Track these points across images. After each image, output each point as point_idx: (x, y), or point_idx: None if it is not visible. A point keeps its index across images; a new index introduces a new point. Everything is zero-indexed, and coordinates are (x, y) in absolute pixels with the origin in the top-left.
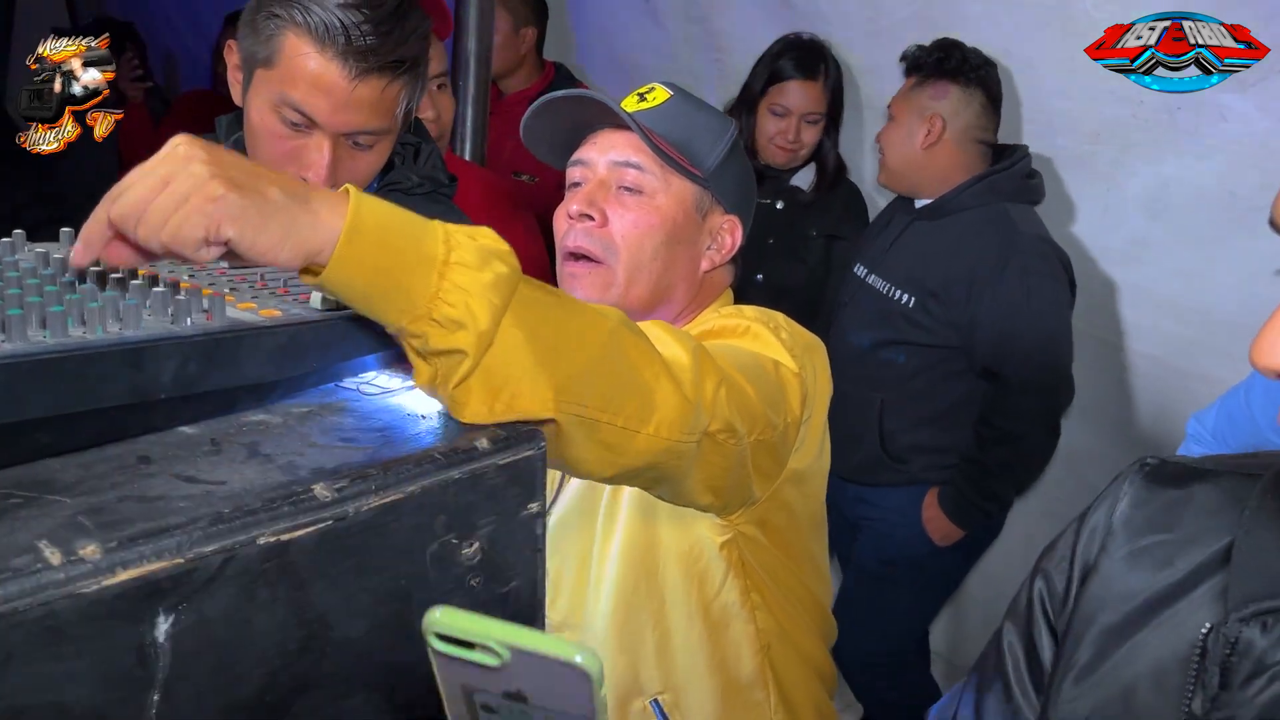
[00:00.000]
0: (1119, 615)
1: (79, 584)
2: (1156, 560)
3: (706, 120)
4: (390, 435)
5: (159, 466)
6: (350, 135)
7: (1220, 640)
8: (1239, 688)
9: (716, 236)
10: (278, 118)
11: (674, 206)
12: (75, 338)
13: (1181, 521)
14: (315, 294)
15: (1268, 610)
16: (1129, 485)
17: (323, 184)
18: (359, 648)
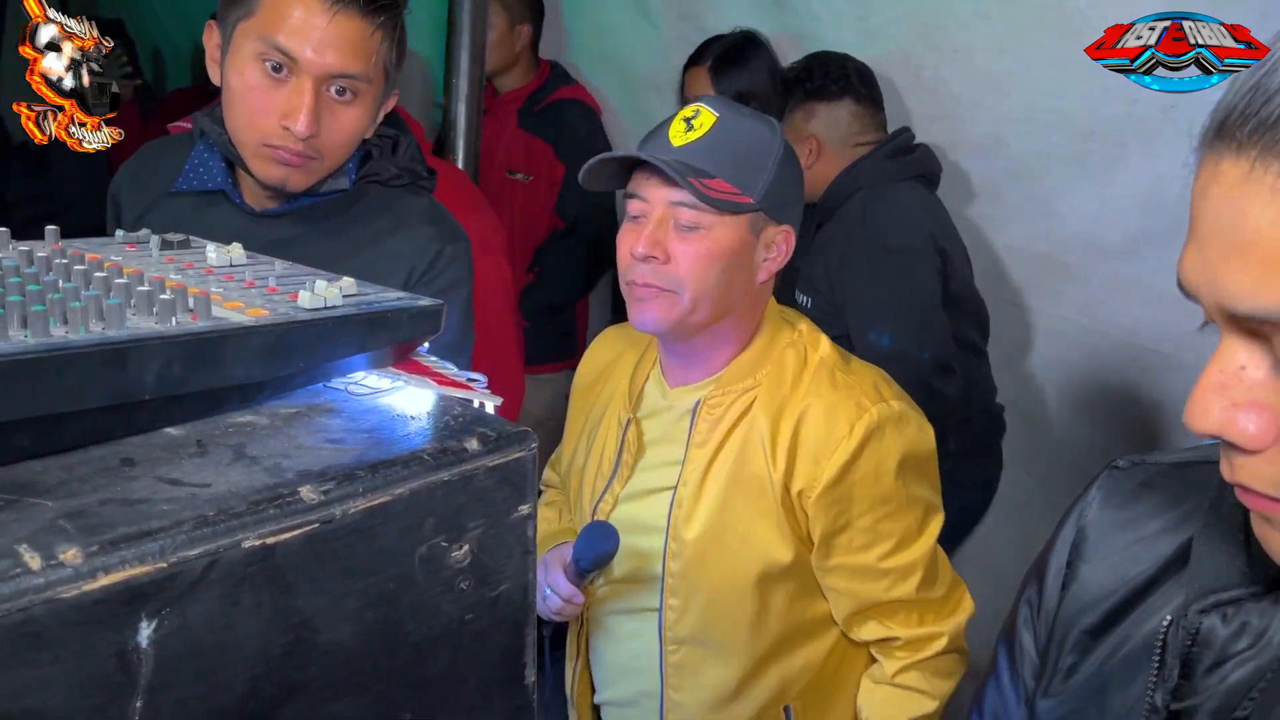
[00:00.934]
0: (1097, 617)
1: (59, 589)
2: (1128, 559)
3: (753, 137)
4: (378, 436)
5: (143, 469)
6: (331, 81)
7: (1181, 632)
8: (1202, 676)
9: (771, 248)
10: (258, 67)
11: (731, 236)
12: (57, 337)
13: (1149, 518)
14: (303, 293)
15: (1227, 601)
16: (1098, 490)
17: (304, 130)
18: (346, 652)
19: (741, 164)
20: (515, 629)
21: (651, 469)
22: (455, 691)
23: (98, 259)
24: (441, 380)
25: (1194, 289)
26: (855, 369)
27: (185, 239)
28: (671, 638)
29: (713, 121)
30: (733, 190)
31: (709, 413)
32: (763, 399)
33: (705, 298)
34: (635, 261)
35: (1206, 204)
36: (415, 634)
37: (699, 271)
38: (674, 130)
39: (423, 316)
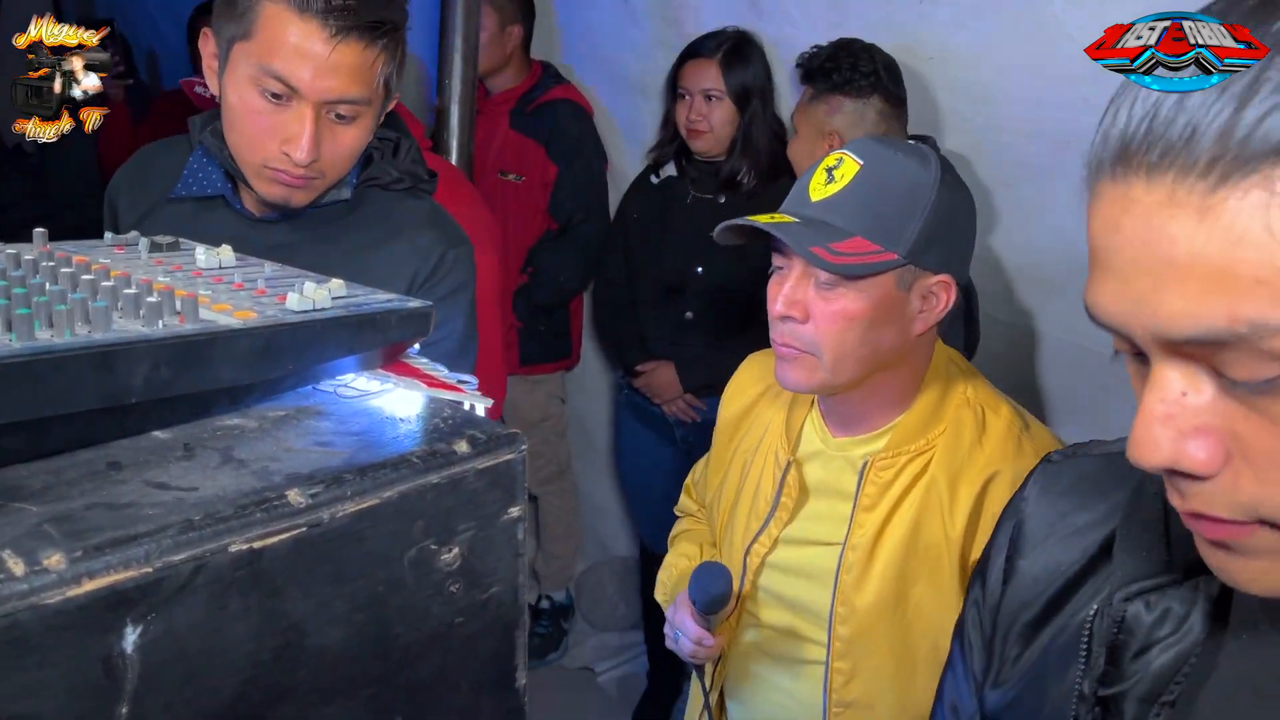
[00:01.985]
0: (1035, 609)
1: (43, 595)
2: (1061, 551)
3: (902, 183)
4: (367, 439)
5: (130, 473)
6: (331, 105)
7: (1106, 620)
8: (1129, 663)
9: (928, 299)
10: (257, 91)
11: (872, 296)
12: (43, 340)
13: (1080, 510)
14: (291, 295)
15: (1150, 589)
16: (1034, 484)
17: (306, 159)
18: (335, 656)
19: (885, 216)
20: (506, 632)
21: (815, 519)
22: (446, 695)
23: (85, 261)
24: (431, 382)
25: (1119, 322)
26: (1036, 434)
27: (175, 241)
28: (838, 700)
29: (855, 171)
30: (872, 249)
31: (877, 475)
32: (940, 461)
33: (847, 359)
34: (776, 320)
35: (1122, 235)
36: (405, 637)
37: (836, 333)
38: (815, 182)
39: (412, 318)
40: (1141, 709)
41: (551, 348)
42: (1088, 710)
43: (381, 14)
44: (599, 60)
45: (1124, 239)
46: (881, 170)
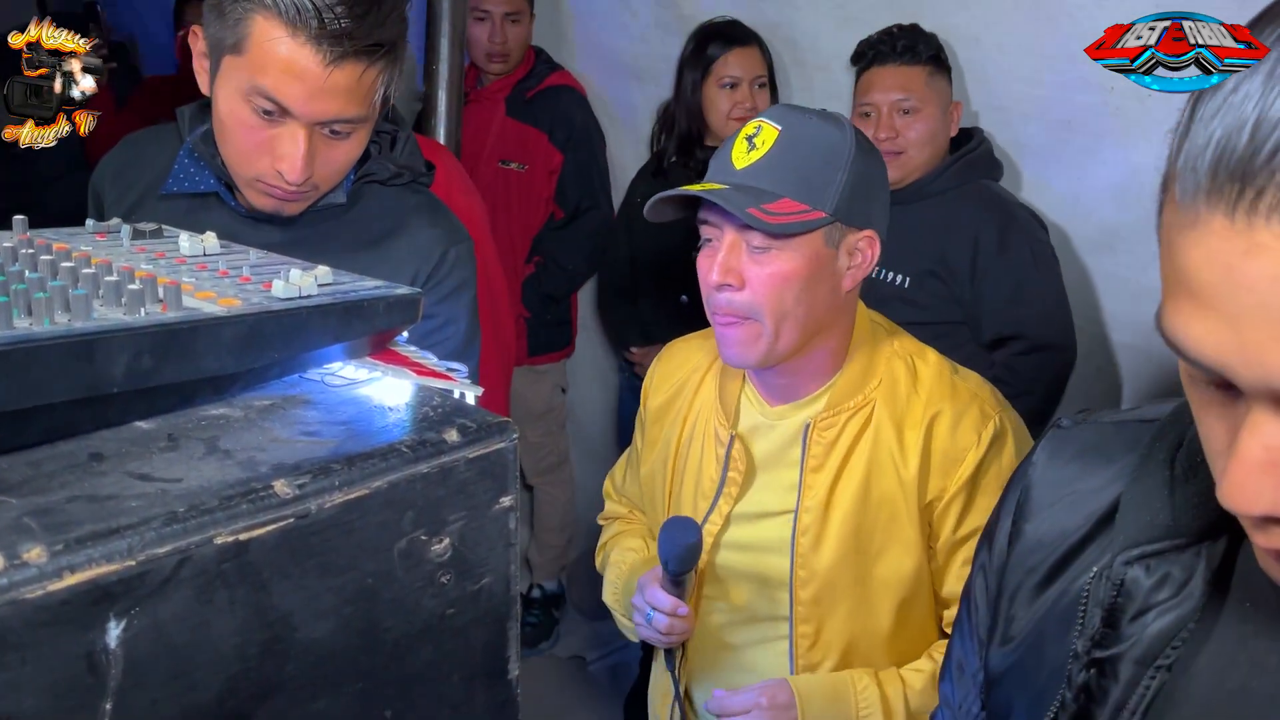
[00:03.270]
0: (1039, 573)
1: (23, 589)
2: (1067, 515)
3: (821, 146)
4: (355, 428)
5: (111, 464)
6: (325, 124)
7: (1105, 582)
8: (1126, 625)
9: (854, 254)
10: (249, 107)
11: (805, 254)
12: (21, 329)
13: (1087, 475)
14: (277, 282)
15: (1151, 553)
16: (1042, 449)
17: (298, 179)
18: (324, 649)
19: (809, 177)
20: (498, 623)
21: (764, 490)
22: (437, 688)
23: (65, 249)
24: (420, 370)
25: (1216, 364)
26: (967, 375)
27: (158, 228)
28: (804, 664)
29: (775, 137)
30: (800, 209)
31: (821, 435)
32: (882, 412)
33: (787, 320)
34: (712, 291)
35: (1235, 279)
36: (395, 630)
37: (774, 295)
38: (736, 151)
39: (400, 305)
40: (1137, 671)
41: (555, 337)
42: (1082, 670)
43: (379, 35)
44: (594, 45)
45: (1239, 284)
46: (799, 133)
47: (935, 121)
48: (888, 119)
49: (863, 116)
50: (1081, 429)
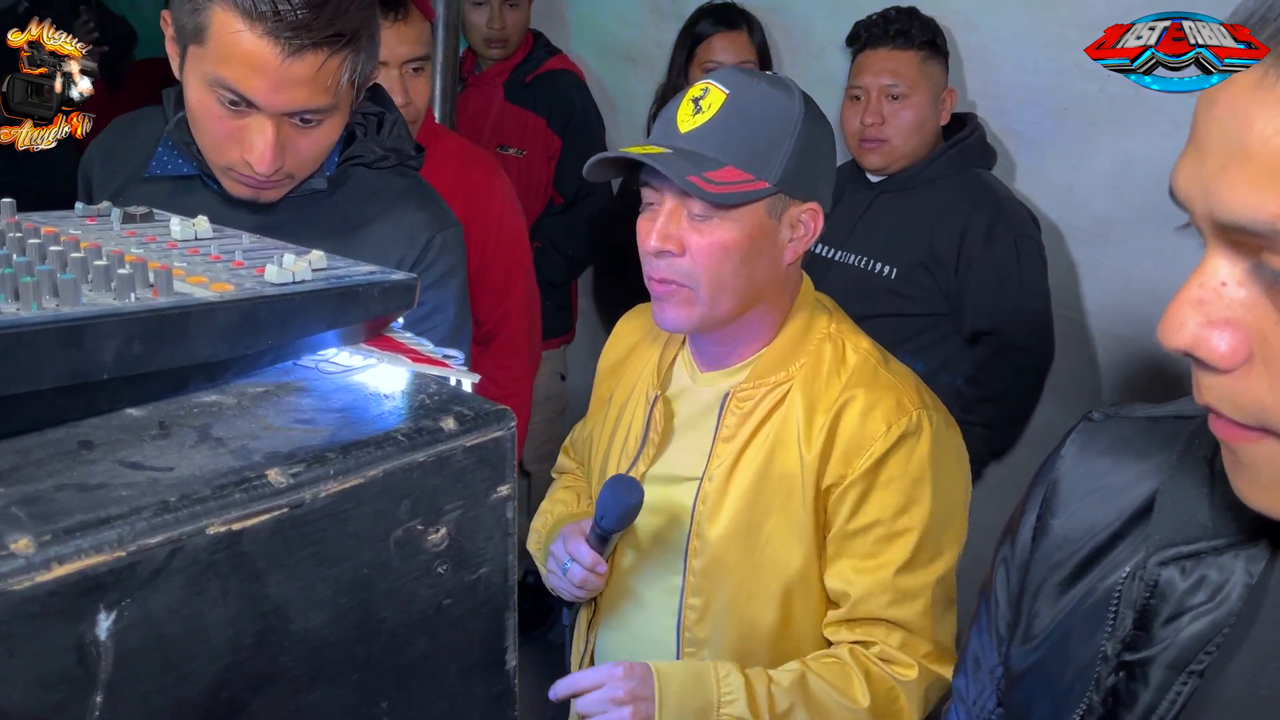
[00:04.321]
0: (1066, 569)
1: (10, 580)
2: (1096, 511)
3: (769, 113)
4: (350, 416)
5: (101, 452)
6: (292, 114)
7: (1139, 583)
8: (1159, 628)
9: (796, 227)
10: (214, 98)
11: (746, 224)
12: (8, 314)
13: (1118, 471)
14: (270, 267)
15: (1188, 554)
16: (1071, 443)
17: (267, 169)
18: (319, 640)
19: (755, 145)
20: (495, 613)
21: (681, 454)
22: (434, 679)
23: (54, 232)
24: (416, 357)
25: (1186, 197)
26: (896, 369)
27: (149, 212)
28: (690, 639)
29: (722, 101)
30: (743, 178)
31: (738, 405)
32: (798, 391)
33: (723, 290)
34: (651, 256)
35: (1214, 109)
36: (392, 621)
37: (713, 264)
38: (682, 114)
39: (396, 291)
40: (1168, 676)
41: (555, 323)
42: (1111, 673)
43: (339, 25)
44: (591, 28)
45: (1214, 113)
46: (747, 98)
47: (924, 109)
48: (876, 104)
49: (853, 100)
50: (1113, 423)
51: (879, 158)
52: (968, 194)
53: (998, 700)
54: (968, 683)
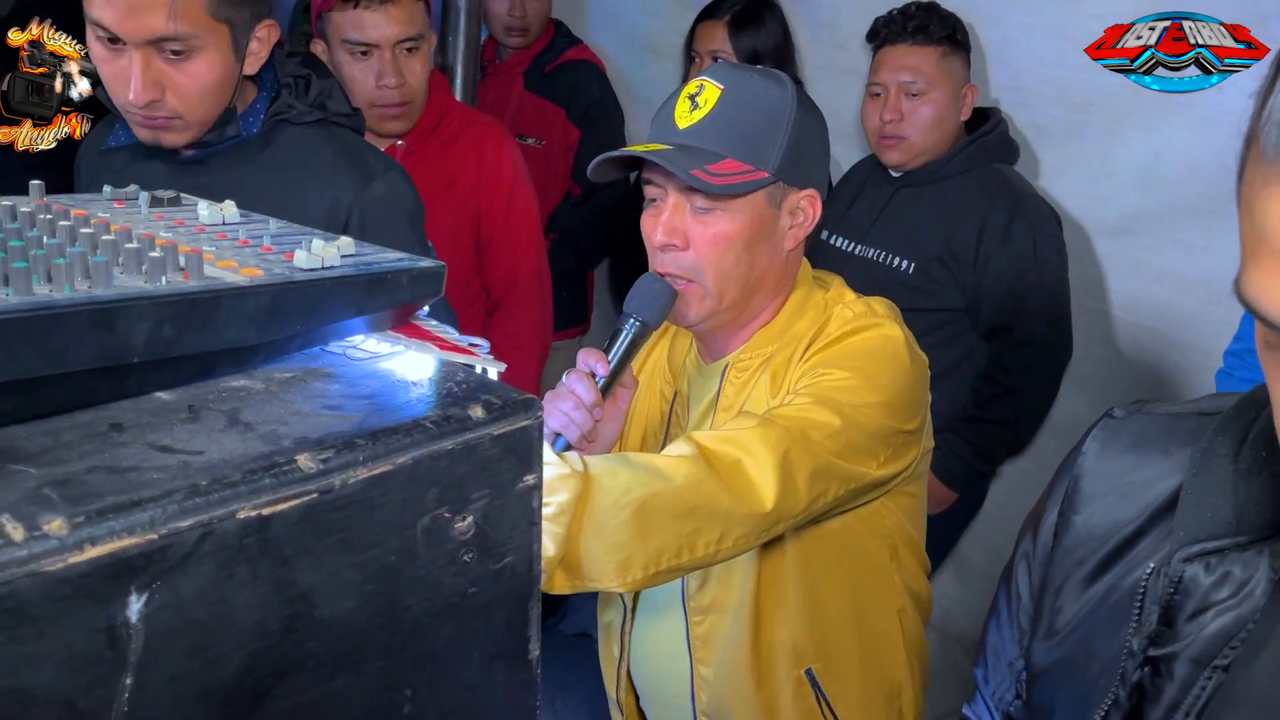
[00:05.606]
0: (1089, 565)
1: (44, 561)
2: (1119, 507)
3: (763, 105)
4: (379, 403)
5: (132, 434)
6: (157, 44)
7: (1163, 579)
8: (1183, 624)
9: (796, 214)
10: (97, 43)
11: (748, 214)
12: (41, 296)
13: (1141, 467)
14: (299, 252)
15: (1212, 550)
16: (1093, 439)
17: (139, 100)
18: (345, 628)
19: (751, 137)
20: (520, 603)
21: None
22: (458, 667)
23: (84, 215)
24: (443, 345)
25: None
26: (875, 301)
27: (176, 195)
28: (695, 607)
29: (717, 96)
30: (743, 169)
31: (736, 375)
32: (783, 355)
33: (728, 280)
34: (657, 251)
35: None
36: (417, 609)
37: (717, 255)
38: (679, 111)
39: (424, 278)
40: (1193, 671)
41: (570, 314)
42: (1136, 668)
43: None
44: (611, 18)
45: None
46: (741, 92)
47: (944, 105)
48: (895, 100)
49: (873, 96)
50: (1135, 419)
51: (898, 154)
52: (987, 189)
53: (1016, 692)
54: (987, 674)
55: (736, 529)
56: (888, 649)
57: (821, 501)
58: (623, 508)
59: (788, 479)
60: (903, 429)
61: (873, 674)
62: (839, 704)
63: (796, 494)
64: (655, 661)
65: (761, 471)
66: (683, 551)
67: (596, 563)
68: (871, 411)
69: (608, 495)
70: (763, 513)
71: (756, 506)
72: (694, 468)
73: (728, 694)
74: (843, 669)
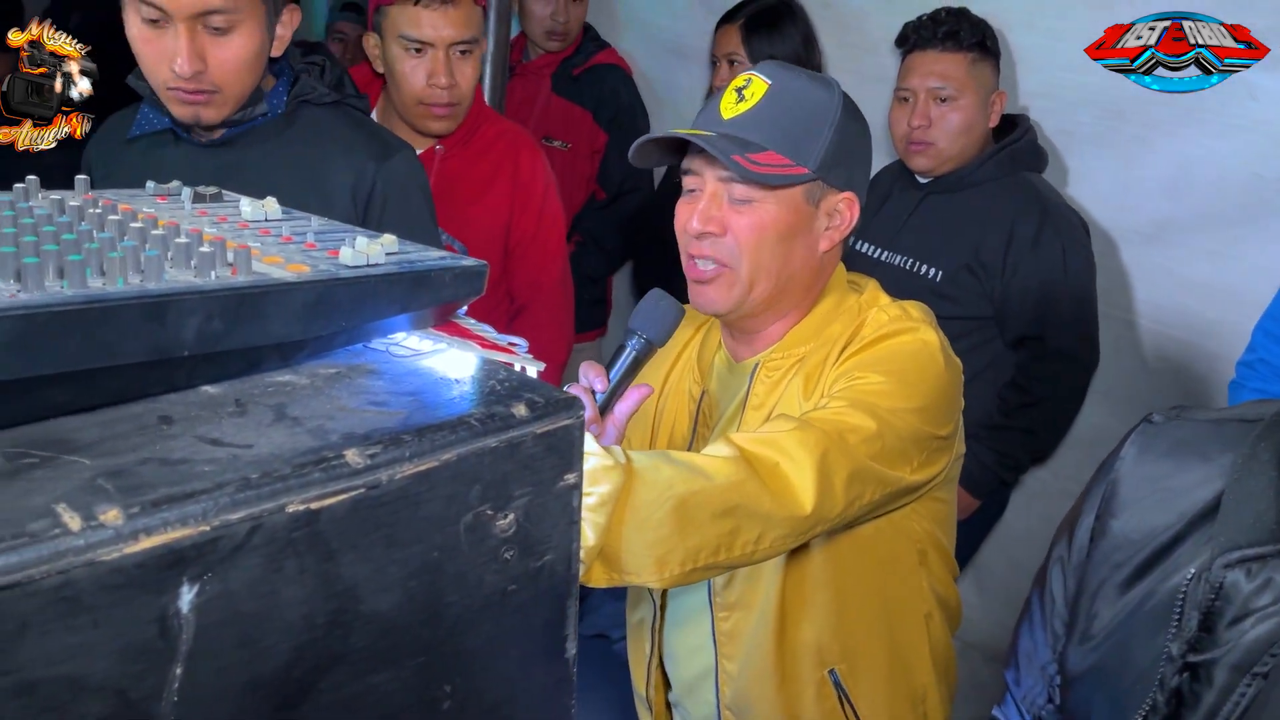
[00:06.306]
0: (1126, 570)
1: (100, 551)
2: (1158, 513)
3: (808, 104)
4: (423, 400)
5: (181, 427)
6: (200, 18)
7: (1204, 585)
8: (1223, 630)
9: (833, 216)
10: (138, 18)
11: (785, 208)
12: (95, 288)
13: (1180, 472)
14: (344, 249)
15: (1253, 557)
16: (1131, 444)
17: (186, 70)
18: (387, 622)
19: (794, 133)
20: (557, 601)
21: (717, 435)
22: (496, 664)
23: (131, 210)
24: (483, 343)
25: None
26: (910, 304)
27: (218, 191)
28: (721, 603)
29: (764, 90)
30: (784, 162)
31: (767, 375)
32: (816, 357)
33: (762, 270)
34: (691, 238)
35: None
36: (458, 605)
37: (754, 244)
38: (725, 102)
39: (466, 277)
40: (1232, 677)
41: (590, 317)
42: (1175, 674)
43: None
44: (640, 22)
45: None
46: (788, 89)
47: (973, 111)
48: (924, 106)
49: (901, 102)
50: (1174, 425)
51: (925, 160)
52: (1016, 197)
53: (1048, 696)
54: (1018, 676)
55: (774, 530)
56: (913, 654)
57: (858, 505)
58: (664, 502)
59: (826, 482)
60: (937, 434)
61: (898, 678)
62: (862, 706)
63: (834, 497)
64: (683, 656)
65: (800, 474)
66: (720, 550)
67: (635, 557)
68: (907, 416)
69: (650, 490)
70: (802, 515)
71: (795, 509)
72: (735, 468)
73: (751, 690)
74: (867, 672)
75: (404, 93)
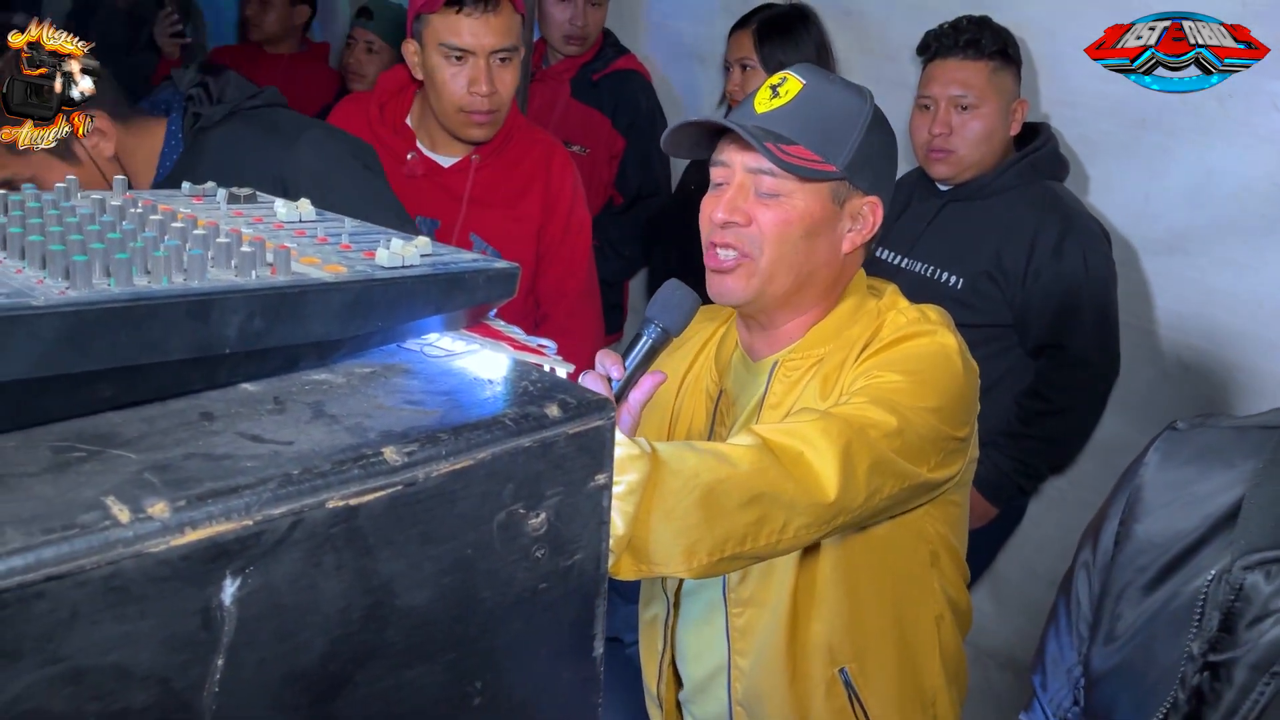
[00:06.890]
0: (1149, 573)
1: (148, 543)
2: (1181, 517)
3: (840, 106)
4: (458, 399)
5: (223, 424)
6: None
7: (1224, 586)
8: (1243, 631)
9: (857, 219)
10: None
11: (811, 203)
12: (140, 286)
13: (1204, 478)
14: (380, 250)
15: (1273, 559)
16: (1155, 450)
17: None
18: (421, 618)
19: (826, 131)
20: (586, 600)
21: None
22: (526, 662)
23: (170, 210)
24: (514, 345)
25: None
26: (926, 310)
27: (251, 193)
28: (734, 599)
29: (799, 89)
30: (814, 158)
31: (786, 374)
32: (835, 358)
33: (783, 263)
34: (716, 227)
35: None
36: (489, 602)
37: (777, 235)
38: (760, 97)
39: (499, 279)
40: (1252, 677)
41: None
42: (1196, 673)
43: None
44: (660, 27)
45: None
46: (822, 91)
47: (993, 120)
48: (944, 114)
49: (922, 109)
50: (1198, 432)
51: (946, 168)
52: (1037, 206)
53: (1074, 699)
54: (1045, 681)
55: (799, 519)
56: (924, 655)
57: (878, 498)
58: (691, 491)
59: (849, 470)
60: (955, 435)
61: (908, 679)
62: (871, 705)
63: (857, 485)
64: (696, 653)
65: (824, 462)
66: (746, 539)
67: (664, 547)
68: (925, 415)
69: (676, 478)
70: (826, 502)
71: (820, 496)
72: (759, 455)
73: (762, 686)
74: (877, 671)
75: (444, 100)
